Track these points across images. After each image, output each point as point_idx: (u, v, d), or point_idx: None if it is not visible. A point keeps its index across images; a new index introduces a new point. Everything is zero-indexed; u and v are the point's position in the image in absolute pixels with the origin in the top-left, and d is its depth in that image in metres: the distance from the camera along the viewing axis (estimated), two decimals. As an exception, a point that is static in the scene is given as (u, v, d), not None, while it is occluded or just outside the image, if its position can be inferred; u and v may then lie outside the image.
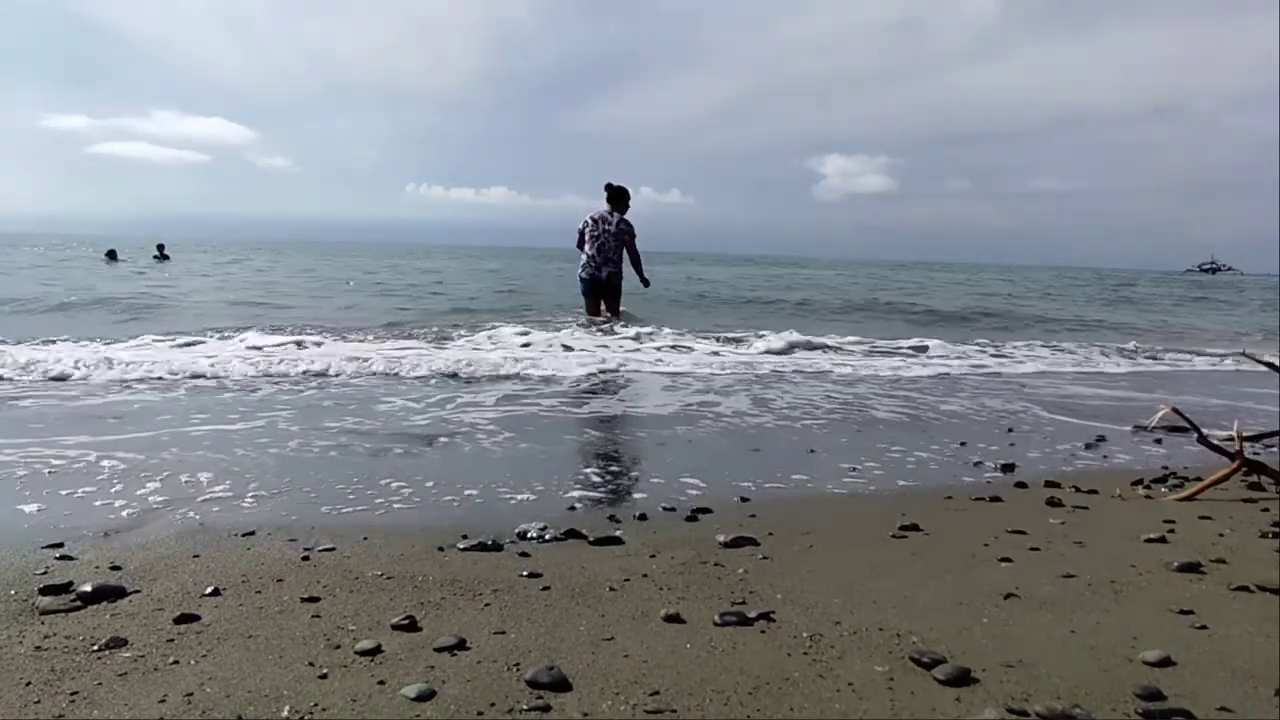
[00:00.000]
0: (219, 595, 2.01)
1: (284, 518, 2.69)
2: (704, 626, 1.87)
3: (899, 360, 8.01)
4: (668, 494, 3.12)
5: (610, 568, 2.27)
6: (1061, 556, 2.44)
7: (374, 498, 2.98)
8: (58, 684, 1.55)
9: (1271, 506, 3.08)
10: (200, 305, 12.49)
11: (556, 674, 1.59)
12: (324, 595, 2.02)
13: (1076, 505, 3.09)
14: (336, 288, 17.88)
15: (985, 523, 2.81)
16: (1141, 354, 9.55)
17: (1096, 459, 4.07)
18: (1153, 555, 2.45)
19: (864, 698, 1.55)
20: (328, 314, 11.46)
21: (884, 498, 3.20)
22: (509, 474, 3.38)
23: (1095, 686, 1.60)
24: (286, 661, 1.66)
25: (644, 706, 1.50)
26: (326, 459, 3.60)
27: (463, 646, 1.73)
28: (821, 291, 21.52)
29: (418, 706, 1.49)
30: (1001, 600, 2.06)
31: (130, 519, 2.64)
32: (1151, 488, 3.42)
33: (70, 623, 1.83)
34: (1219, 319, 17.36)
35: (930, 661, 1.67)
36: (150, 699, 1.50)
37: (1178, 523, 2.82)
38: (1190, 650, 1.77)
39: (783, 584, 2.16)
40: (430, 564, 2.28)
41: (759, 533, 2.61)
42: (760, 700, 1.53)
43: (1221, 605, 2.04)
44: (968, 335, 10.88)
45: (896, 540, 2.60)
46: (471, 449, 3.89)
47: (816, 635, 1.83)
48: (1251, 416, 5.28)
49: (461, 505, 2.95)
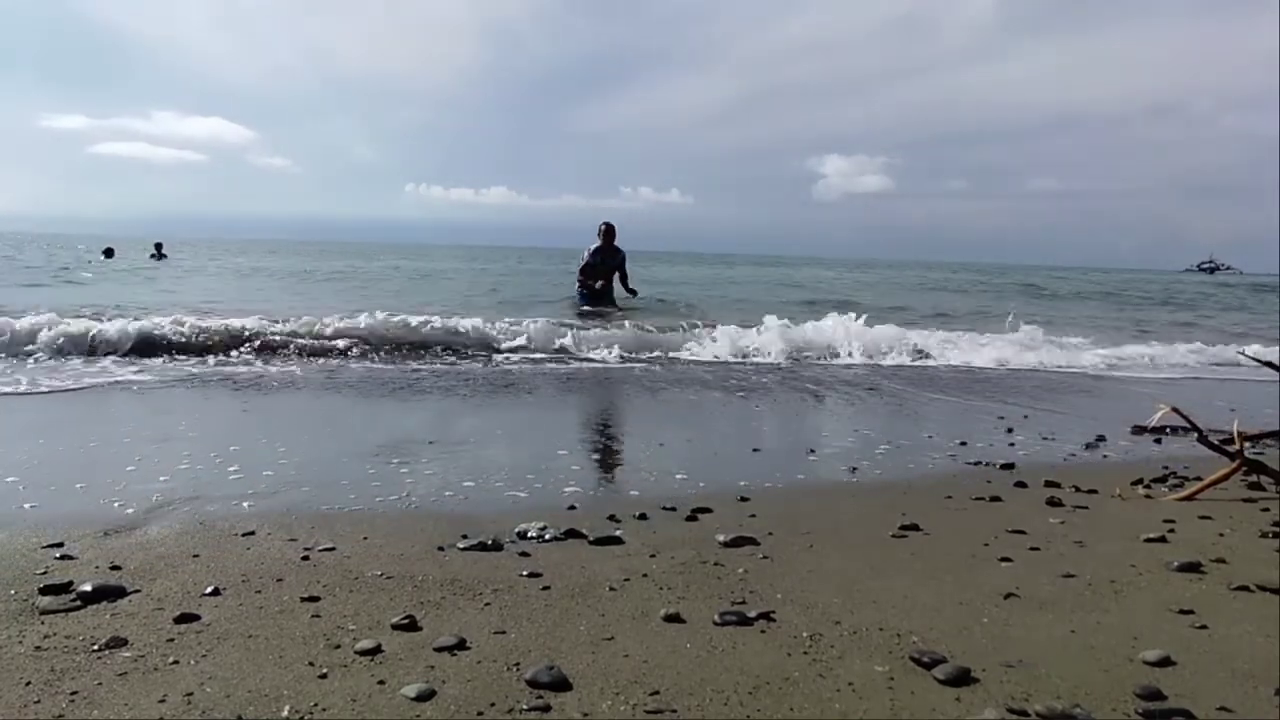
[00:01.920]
0: (219, 595, 2.01)
1: (284, 517, 2.69)
2: (704, 626, 1.87)
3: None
4: (668, 494, 3.12)
5: (610, 567, 2.27)
6: (1061, 556, 2.44)
7: (374, 497, 2.98)
8: (58, 684, 1.55)
9: (1271, 506, 3.08)
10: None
11: (556, 674, 1.59)
12: (324, 595, 2.02)
13: (1076, 505, 3.09)
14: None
15: (985, 523, 2.81)
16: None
17: (1096, 459, 4.07)
18: (1153, 555, 2.45)
19: (864, 698, 1.55)
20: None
21: (884, 498, 3.19)
22: (509, 473, 3.38)
23: (1095, 686, 1.60)
24: (286, 661, 1.66)
25: (644, 706, 1.50)
26: (327, 459, 3.60)
27: (463, 646, 1.73)
28: (757, 292, 19.36)
29: (418, 706, 1.49)
30: (1001, 600, 2.06)
31: (130, 519, 2.64)
32: (1151, 488, 3.42)
33: (70, 623, 1.83)
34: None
35: (930, 661, 1.67)
36: (150, 699, 1.50)
37: (1178, 523, 2.82)
38: (1190, 650, 1.77)
39: (783, 584, 2.16)
40: (430, 564, 2.28)
41: (759, 532, 2.61)
42: (760, 700, 1.53)
43: (1221, 605, 2.04)
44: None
45: (896, 540, 2.60)
46: (471, 449, 3.89)
47: (816, 635, 1.83)
48: (1251, 416, 5.28)
49: (462, 505, 2.94)
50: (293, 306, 10.17)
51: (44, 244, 41.64)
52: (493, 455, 3.77)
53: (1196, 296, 25.65)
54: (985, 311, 14.53)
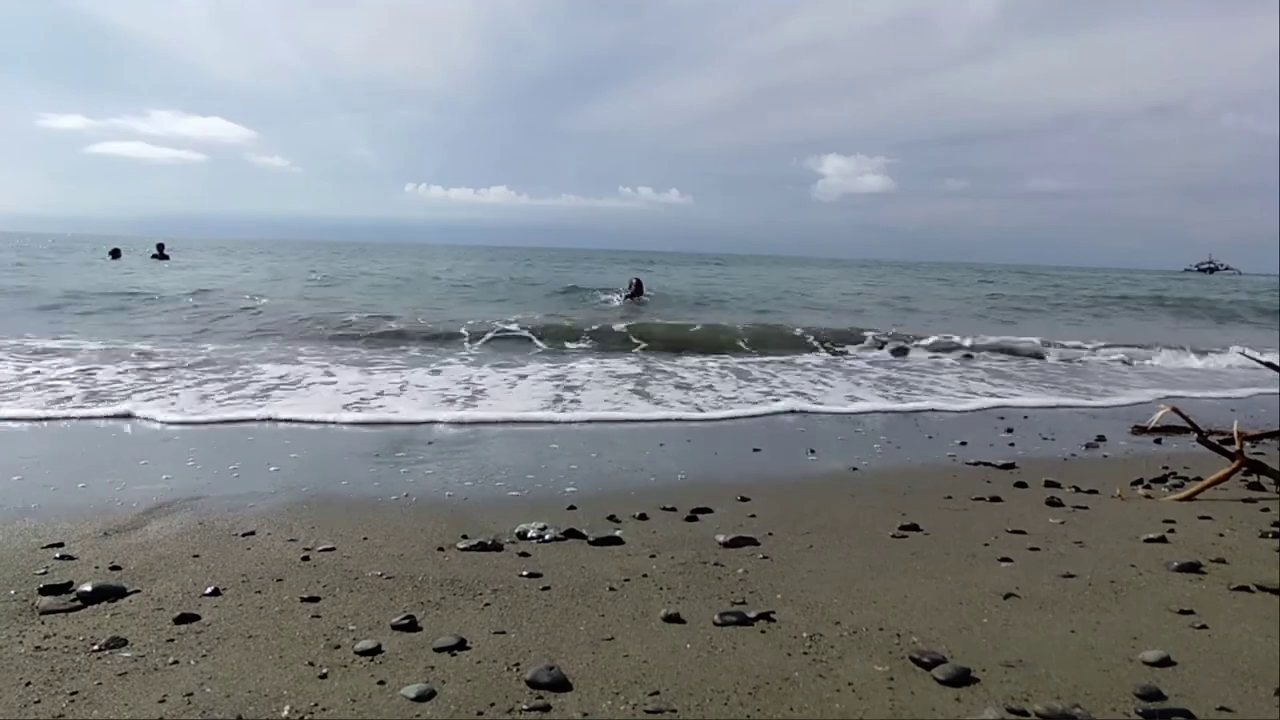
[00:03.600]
0: (219, 595, 2.01)
1: (284, 517, 2.69)
2: (704, 626, 1.87)
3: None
4: (668, 494, 3.11)
5: (610, 568, 2.27)
6: (1061, 556, 2.43)
7: (374, 496, 2.98)
8: (58, 684, 1.55)
9: (1271, 506, 3.08)
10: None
11: (556, 674, 1.59)
12: (324, 595, 2.02)
13: (1076, 505, 3.08)
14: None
15: (985, 523, 2.80)
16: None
17: (1096, 458, 4.07)
18: (1153, 555, 2.45)
19: (864, 698, 1.55)
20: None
21: (884, 498, 3.19)
22: (509, 473, 3.38)
23: (1095, 686, 1.60)
24: (286, 661, 1.66)
25: (644, 706, 1.50)
26: (327, 459, 3.59)
27: (463, 646, 1.73)
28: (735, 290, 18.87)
29: (418, 706, 1.49)
30: (1001, 600, 2.06)
31: (130, 519, 2.64)
32: (1151, 488, 3.42)
33: (70, 623, 1.83)
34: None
35: (930, 661, 1.67)
36: (150, 699, 1.50)
37: (1178, 523, 2.81)
38: (1190, 650, 1.77)
39: (783, 584, 2.16)
40: (430, 564, 2.27)
41: (759, 533, 2.60)
42: (760, 700, 1.53)
43: (1221, 605, 2.04)
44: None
45: (896, 540, 2.60)
46: (471, 448, 3.88)
47: (816, 635, 1.83)
48: (1251, 416, 5.27)
49: (462, 505, 2.94)
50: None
51: (46, 243, 41.39)
52: (493, 455, 3.77)
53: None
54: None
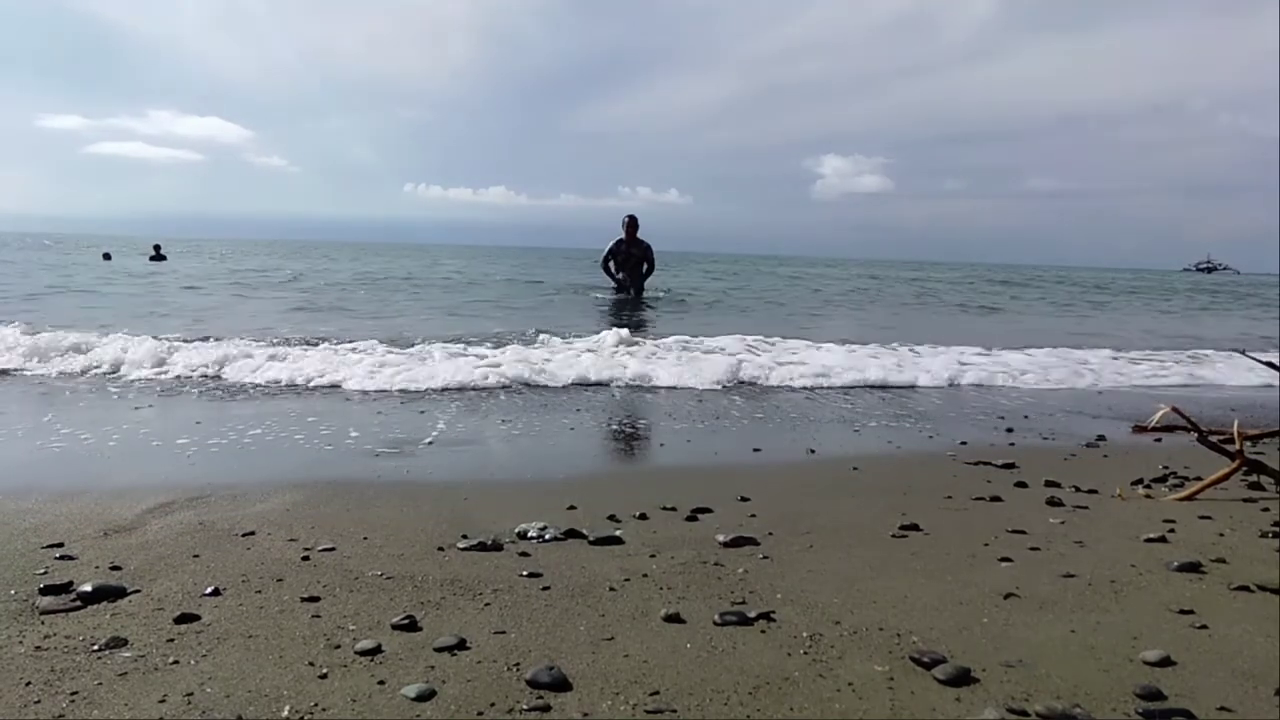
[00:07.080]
0: (219, 595, 2.01)
1: (284, 517, 2.69)
2: (704, 626, 1.87)
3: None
4: (668, 493, 3.12)
5: (610, 567, 2.27)
6: (1061, 556, 2.44)
7: (374, 496, 2.98)
8: (58, 684, 1.55)
9: (1271, 506, 3.08)
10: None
11: (556, 674, 1.59)
12: (324, 595, 2.02)
13: (1076, 505, 3.09)
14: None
15: (985, 523, 2.81)
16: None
17: (1096, 458, 4.07)
18: (1153, 555, 2.45)
19: (864, 698, 1.55)
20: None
21: (884, 498, 3.19)
22: (509, 473, 3.38)
23: (1095, 686, 1.60)
24: (286, 661, 1.66)
25: (644, 706, 1.50)
26: (327, 459, 3.60)
27: (463, 646, 1.73)
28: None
29: (418, 706, 1.49)
30: (1001, 600, 2.06)
31: (130, 519, 2.64)
32: (1151, 487, 3.42)
33: (70, 623, 1.83)
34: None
35: (930, 661, 1.67)
36: (150, 699, 1.50)
37: (1178, 523, 2.82)
38: (1190, 650, 1.77)
39: (782, 584, 2.16)
40: (430, 564, 2.27)
41: (759, 532, 2.61)
42: (760, 700, 1.53)
43: (1221, 605, 2.04)
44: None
45: (896, 540, 2.60)
46: (471, 448, 3.89)
47: (816, 635, 1.83)
48: (1251, 416, 5.28)
49: (462, 505, 2.94)
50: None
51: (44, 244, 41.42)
52: (492, 454, 3.77)
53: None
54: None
